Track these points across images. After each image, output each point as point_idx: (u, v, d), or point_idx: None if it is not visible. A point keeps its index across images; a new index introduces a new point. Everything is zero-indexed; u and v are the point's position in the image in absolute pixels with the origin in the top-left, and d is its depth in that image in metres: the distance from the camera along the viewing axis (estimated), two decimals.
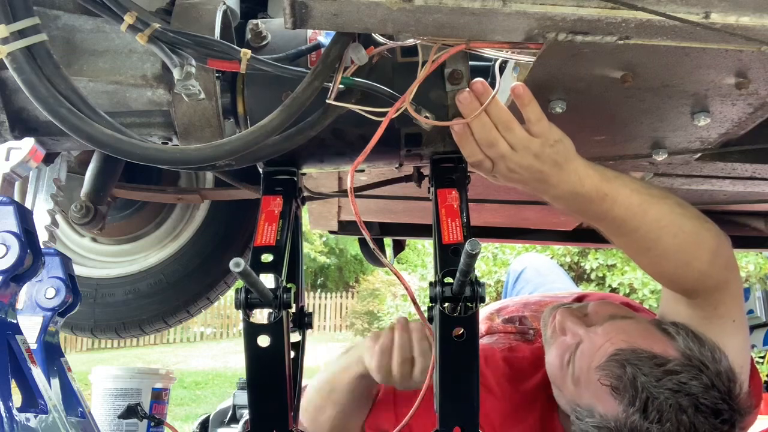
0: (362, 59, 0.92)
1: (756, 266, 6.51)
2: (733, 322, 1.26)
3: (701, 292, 1.23)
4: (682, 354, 1.21)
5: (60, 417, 0.94)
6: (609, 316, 1.34)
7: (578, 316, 1.36)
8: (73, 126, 0.85)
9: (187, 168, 0.98)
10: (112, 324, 2.04)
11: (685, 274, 1.19)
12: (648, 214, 1.11)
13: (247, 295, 0.88)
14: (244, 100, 1.02)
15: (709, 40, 0.82)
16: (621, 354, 1.22)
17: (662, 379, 1.17)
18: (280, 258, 0.95)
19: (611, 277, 9.29)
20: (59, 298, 1.14)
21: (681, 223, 1.13)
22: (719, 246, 1.18)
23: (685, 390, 1.16)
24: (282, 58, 0.97)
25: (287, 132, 0.97)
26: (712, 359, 1.20)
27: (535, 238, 2.08)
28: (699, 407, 1.16)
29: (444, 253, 0.96)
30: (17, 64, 0.83)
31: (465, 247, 0.78)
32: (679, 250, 1.14)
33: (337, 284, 17.23)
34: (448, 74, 1.01)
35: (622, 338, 1.25)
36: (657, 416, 1.15)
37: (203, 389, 9.70)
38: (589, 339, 1.29)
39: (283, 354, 0.91)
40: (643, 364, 1.19)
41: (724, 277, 1.21)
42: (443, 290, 0.91)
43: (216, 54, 0.90)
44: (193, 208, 2.07)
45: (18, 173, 1.18)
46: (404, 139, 1.06)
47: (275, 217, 1.00)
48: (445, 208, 1.02)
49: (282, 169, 1.08)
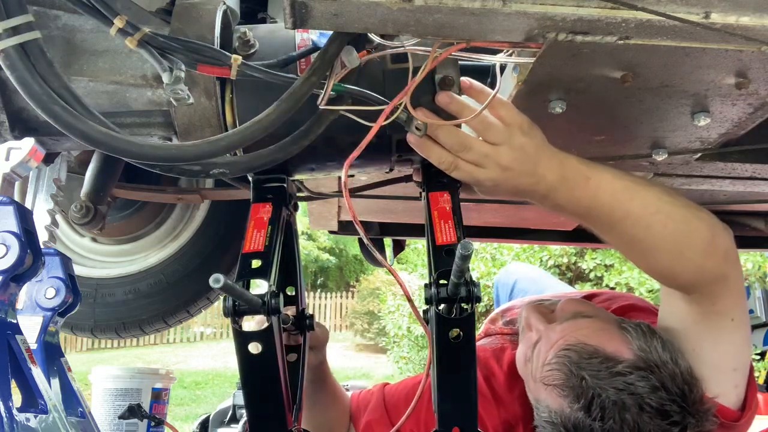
0: (353, 62, 0.92)
1: (755, 264, 6.51)
2: (732, 320, 1.22)
3: (699, 286, 1.20)
4: (635, 354, 1.21)
5: (60, 417, 0.94)
6: (572, 313, 1.34)
7: (544, 313, 1.38)
8: (66, 124, 0.85)
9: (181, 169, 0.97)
10: (112, 324, 2.04)
11: (679, 267, 1.16)
12: (634, 200, 1.08)
13: (235, 302, 0.86)
14: (233, 106, 1.01)
15: (709, 40, 0.82)
16: (570, 351, 1.23)
17: (608, 378, 1.18)
18: (269, 264, 0.94)
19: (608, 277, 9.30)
20: (59, 298, 1.14)
21: (670, 211, 1.10)
22: (714, 236, 1.14)
23: (630, 390, 1.17)
24: (273, 64, 0.97)
25: (281, 143, 0.97)
26: (668, 360, 1.19)
27: (534, 238, 2.08)
28: (643, 407, 1.16)
29: (437, 254, 0.96)
30: (10, 62, 0.83)
31: (457, 249, 0.78)
32: (671, 240, 1.10)
33: (338, 284, 17.24)
34: (439, 80, 1.01)
35: (575, 336, 1.25)
36: (600, 413, 1.16)
37: (203, 389, 9.70)
38: (546, 336, 1.30)
39: (275, 360, 0.91)
40: (590, 362, 1.20)
41: (722, 270, 1.17)
42: (438, 291, 0.91)
43: (206, 60, 0.90)
44: (193, 208, 2.07)
45: (18, 173, 1.18)
46: (395, 144, 1.06)
47: (264, 224, 1.00)
48: (437, 210, 1.03)
49: (272, 176, 1.08)
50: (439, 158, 1.02)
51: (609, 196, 1.07)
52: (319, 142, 0.99)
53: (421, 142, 1.01)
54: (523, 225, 1.99)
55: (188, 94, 0.91)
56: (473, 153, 1.01)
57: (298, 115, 0.94)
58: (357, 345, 13.63)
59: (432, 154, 1.02)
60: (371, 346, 13.22)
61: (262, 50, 1.03)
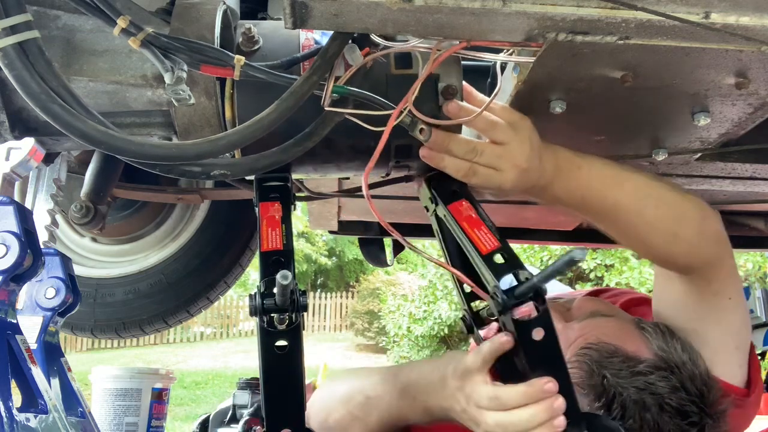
0: (357, 60, 0.92)
1: (755, 264, 6.51)
2: (730, 299, 1.24)
3: (694, 267, 1.22)
4: (655, 354, 1.21)
5: (60, 417, 0.94)
6: (590, 312, 1.33)
7: (560, 311, 1.36)
8: (65, 123, 0.85)
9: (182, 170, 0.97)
10: (112, 324, 2.05)
11: (676, 248, 1.17)
12: (625, 186, 1.10)
13: (263, 299, 0.87)
14: (233, 102, 1.01)
15: (709, 40, 0.82)
16: (590, 350, 1.22)
17: (629, 377, 1.17)
18: (289, 262, 0.95)
19: (609, 276, 9.30)
20: (59, 298, 1.14)
21: (660, 194, 1.12)
22: (705, 218, 1.16)
23: (651, 389, 1.16)
24: (276, 65, 0.97)
25: (285, 144, 0.96)
26: (687, 361, 1.19)
27: (535, 238, 2.08)
28: (664, 407, 1.15)
29: (490, 263, 0.94)
30: (8, 61, 0.83)
31: (570, 254, 0.77)
32: (665, 222, 1.13)
33: (338, 284, 17.24)
34: (442, 88, 1.01)
35: (595, 335, 1.25)
36: (621, 412, 1.15)
37: (203, 389, 9.71)
38: (565, 334, 1.29)
39: (301, 357, 0.91)
40: (611, 361, 1.19)
41: (715, 251, 1.20)
42: (505, 296, 0.89)
43: (209, 60, 0.89)
44: (193, 208, 2.07)
45: (18, 173, 1.18)
46: (394, 150, 1.06)
47: (277, 222, 1.00)
48: (465, 221, 1.01)
49: (274, 175, 1.08)
50: (456, 167, 1.02)
51: (600, 183, 1.09)
52: (318, 144, 0.99)
53: (433, 154, 1.02)
54: (523, 225, 1.99)
55: (190, 94, 0.91)
56: (486, 156, 1.01)
57: (302, 117, 0.94)
58: (357, 345, 13.63)
59: (447, 164, 1.02)
60: (371, 346, 13.22)
61: (266, 47, 1.03)
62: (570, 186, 1.09)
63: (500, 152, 1.02)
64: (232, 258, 2.08)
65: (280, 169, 1.04)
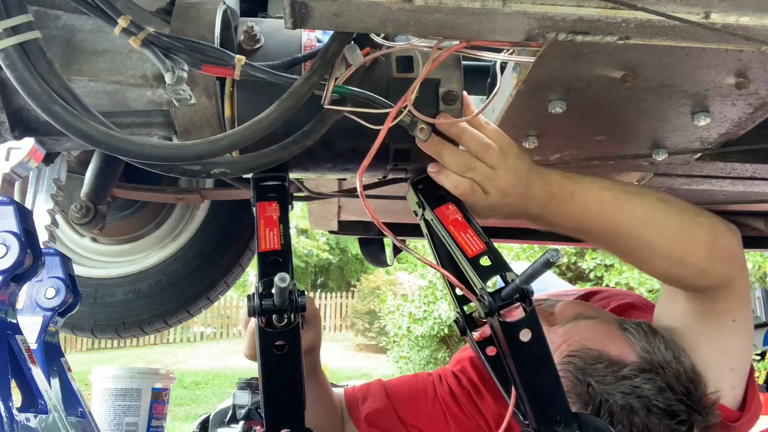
0: (357, 59, 0.92)
1: (755, 264, 6.51)
2: (733, 322, 1.22)
3: (702, 288, 1.20)
4: (639, 356, 1.21)
5: (60, 417, 0.94)
6: (573, 316, 1.33)
7: (544, 316, 1.35)
8: (66, 123, 0.85)
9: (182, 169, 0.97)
10: (112, 324, 2.05)
11: (680, 272, 1.15)
12: (625, 209, 1.08)
13: (262, 300, 0.87)
14: (233, 100, 1.01)
15: (709, 40, 0.82)
16: (574, 357, 1.22)
17: (615, 382, 1.17)
18: (287, 262, 0.95)
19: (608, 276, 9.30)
20: (59, 298, 1.14)
21: (664, 219, 1.09)
22: (716, 239, 1.13)
23: (637, 393, 1.16)
24: (277, 65, 0.97)
25: (283, 142, 0.96)
26: (672, 359, 1.19)
27: (534, 238, 2.08)
28: (651, 409, 1.15)
29: (476, 265, 0.94)
30: (10, 61, 0.83)
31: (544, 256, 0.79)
32: (668, 247, 1.10)
33: (339, 284, 17.24)
34: (443, 94, 1.01)
35: (578, 341, 1.24)
36: (608, 419, 1.16)
37: (203, 389, 9.71)
38: (549, 339, 1.29)
39: (300, 357, 0.91)
40: (596, 367, 1.19)
41: (726, 272, 1.17)
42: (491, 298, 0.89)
43: (210, 60, 0.89)
44: (193, 208, 2.07)
45: (18, 173, 1.18)
46: (393, 153, 1.06)
47: (275, 222, 1.00)
48: (451, 224, 1.01)
49: (272, 175, 1.08)
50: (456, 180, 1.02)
51: (597, 208, 1.07)
52: (317, 145, 0.99)
53: (438, 167, 1.02)
54: (523, 225, 1.99)
55: (190, 94, 0.91)
56: (477, 174, 1.02)
57: (301, 115, 0.94)
58: (357, 345, 13.64)
59: (447, 181, 1.03)
60: (372, 345, 13.23)
61: (268, 46, 1.03)
62: (563, 212, 1.08)
63: (490, 174, 1.02)
64: (232, 258, 2.08)
65: (278, 168, 1.04)
